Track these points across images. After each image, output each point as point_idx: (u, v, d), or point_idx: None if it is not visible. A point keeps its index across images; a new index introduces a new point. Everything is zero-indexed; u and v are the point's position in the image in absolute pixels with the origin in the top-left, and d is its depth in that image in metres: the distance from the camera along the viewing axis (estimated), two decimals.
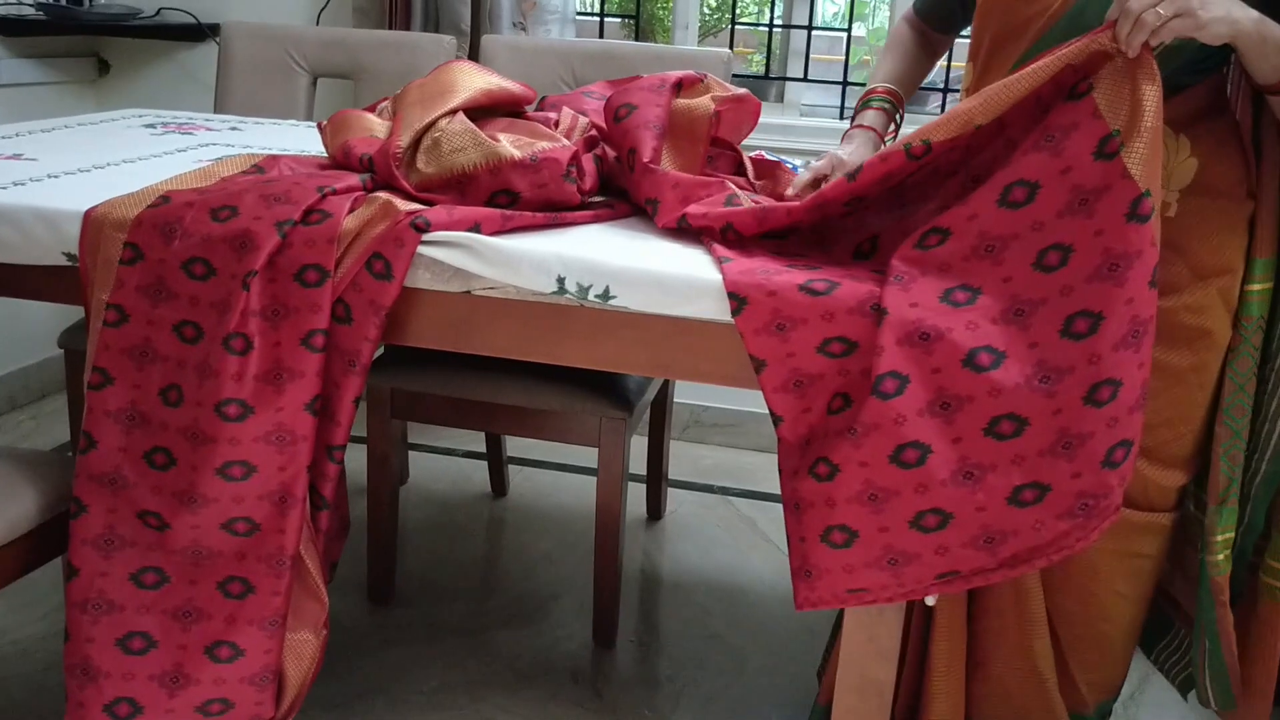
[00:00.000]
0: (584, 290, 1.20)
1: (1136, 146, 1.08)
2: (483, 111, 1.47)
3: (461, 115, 1.40)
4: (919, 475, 1.11)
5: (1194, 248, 1.30)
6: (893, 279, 1.13)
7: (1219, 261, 1.30)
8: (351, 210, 1.27)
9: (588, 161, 1.41)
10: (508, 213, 1.29)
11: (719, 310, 1.17)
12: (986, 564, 1.15)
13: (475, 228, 1.25)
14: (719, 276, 1.17)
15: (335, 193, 1.29)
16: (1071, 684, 1.47)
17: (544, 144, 1.36)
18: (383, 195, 1.30)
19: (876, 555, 1.16)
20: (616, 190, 1.46)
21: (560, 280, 1.21)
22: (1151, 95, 1.08)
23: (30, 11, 2.69)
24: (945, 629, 1.42)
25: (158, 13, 2.80)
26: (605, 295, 1.20)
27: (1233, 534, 1.35)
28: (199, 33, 2.79)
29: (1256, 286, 1.30)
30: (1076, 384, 1.09)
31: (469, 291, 1.26)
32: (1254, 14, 1.10)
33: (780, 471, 1.18)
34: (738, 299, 1.15)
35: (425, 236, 1.23)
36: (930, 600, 1.30)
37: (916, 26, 1.59)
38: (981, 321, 1.11)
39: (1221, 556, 1.34)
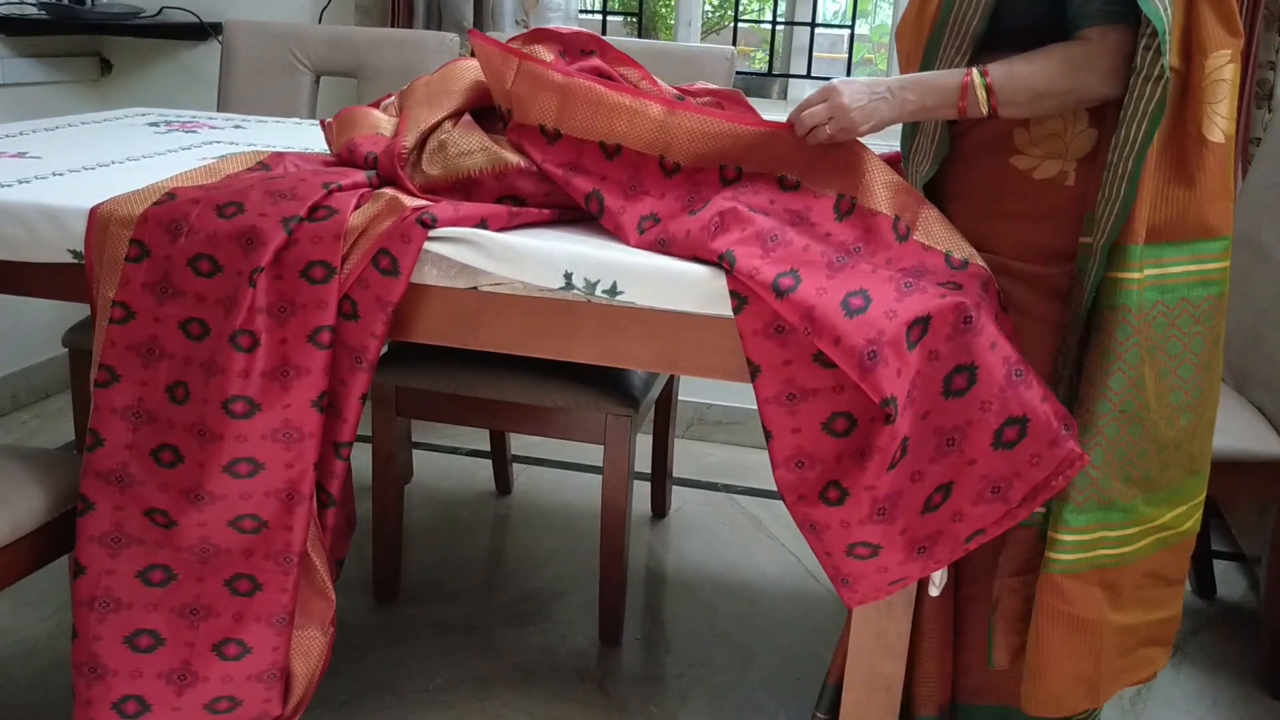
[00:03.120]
0: (591, 286, 1.20)
1: (866, 189, 1.26)
2: (489, 110, 1.46)
3: (468, 117, 1.40)
4: (909, 465, 1.15)
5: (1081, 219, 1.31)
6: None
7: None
8: (358, 206, 1.27)
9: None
10: (514, 209, 1.29)
11: (726, 306, 1.17)
12: (1001, 513, 1.19)
13: (482, 223, 1.25)
14: (724, 273, 1.17)
15: (341, 189, 1.29)
16: None
17: None
18: (389, 191, 1.30)
19: (903, 554, 1.19)
20: None
21: (567, 276, 1.21)
22: (858, 151, 1.30)
23: (33, 11, 2.69)
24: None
25: (160, 12, 2.80)
26: (612, 291, 1.20)
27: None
28: (201, 31, 2.78)
29: (1085, 240, 1.30)
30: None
31: (476, 288, 1.26)
32: (910, 98, 1.26)
33: (782, 493, 1.19)
34: (739, 297, 1.16)
35: (432, 232, 1.23)
36: (934, 590, 1.30)
37: None
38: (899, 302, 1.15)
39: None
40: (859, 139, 1.29)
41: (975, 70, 1.24)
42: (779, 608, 2.06)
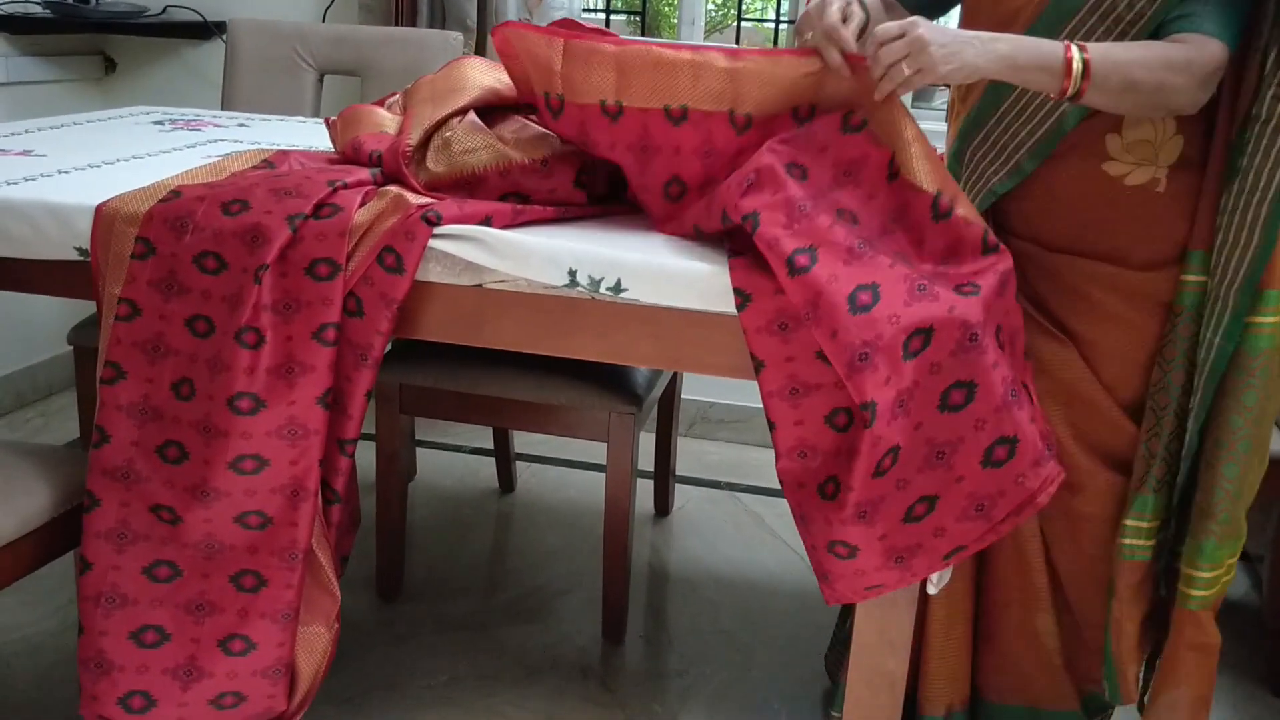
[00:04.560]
0: (595, 283, 1.21)
1: (908, 161, 1.18)
2: (493, 109, 1.47)
3: (472, 115, 1.40)
4: (897, 474, 1.14)
5: (1182, 224, 1.32)
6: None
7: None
8: (363, 204, 1.27)
9: (599, 163, 1.41)
10: (519, 206, 1.29)
11: (730, 303, 1.17)
12: (983, 531, 1.19)
13: (486, 221, 1.26)
14: (727, 270, 1.18)
15: (346, 187, 1.29)
16: (1086, 662, 1.48)
17: (555, 146, 1.35)
18: (394, 189, 1.31)
19: (881, 560, 1.19)
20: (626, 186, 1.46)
21: (572, 273, 1.21)
22: (901, 116, 1.19)
23: (37, 9, 2.70)
24: (944, 591, 1.42)
25: (164, 10, 2.81)
26: (617, 288, 1.20)
27: (1144, 524, 1.36)
28: (205, 30, 2.79)
29: (1191, 278, 1.32)
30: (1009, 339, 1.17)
31: (480, 285, 1.26)
32: (1001, 48, 1.16)
33: (782, 481, 1.20)
34: (743, 294, 1.16)
35: (436, 230, 1.23)
36: (932, 589, 1.30)
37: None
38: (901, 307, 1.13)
39: (1128, 543, 1.36)
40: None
41: (1075, 45, 1.18)
42: (781, 605, 2.06)
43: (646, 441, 2.38)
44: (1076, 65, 1.17)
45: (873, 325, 1.10)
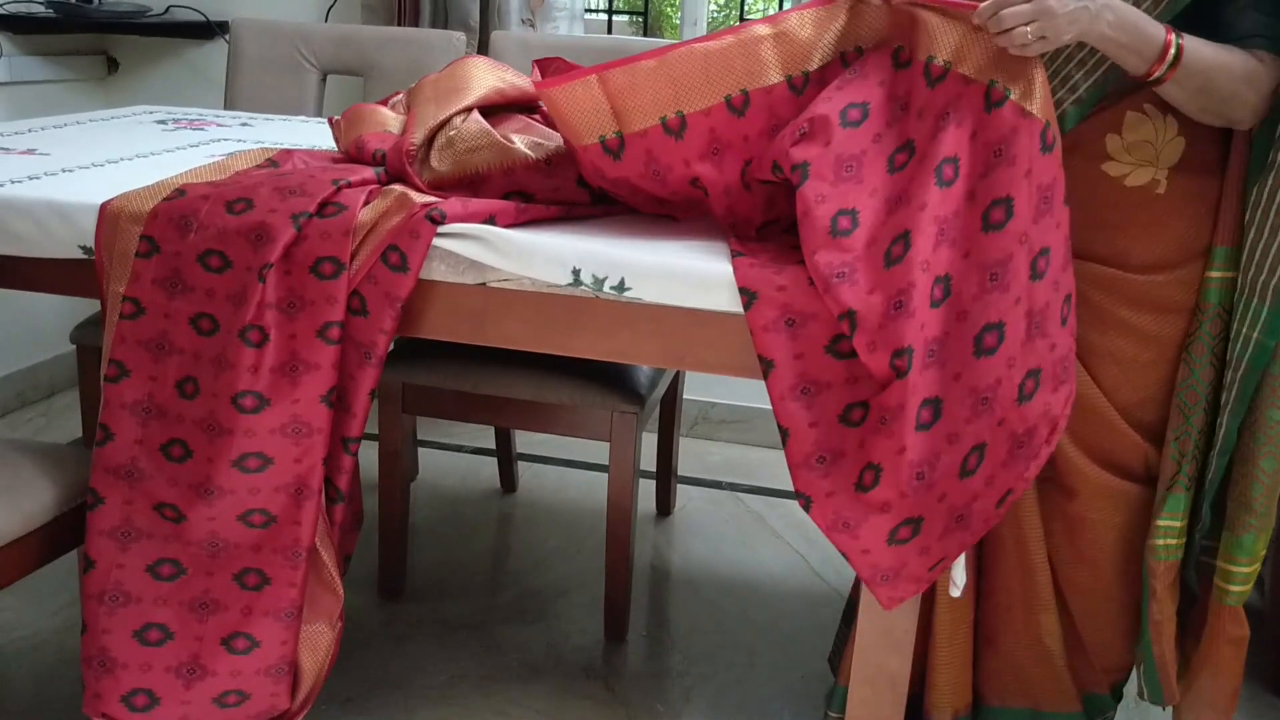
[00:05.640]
0: (599, 282, 1.21)
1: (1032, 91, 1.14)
2: (496, 109, 1.47)
3: (476, 114, 1.40)
4: (944, 427, 1.14)
5: (1181, 225, 1.32)
6: (834, 276, 1.13)
7: (1204, 240, 1.33)
8: (367, 203, 1.27)
9: None
10: (522, 205, 1.30)
11: (733, 302, 1.17)
12: (1024, 468, 1.19)
13: (490, 219, 1.26)
14: (731, 269, 1.18)
15: (350, 185, 1.30)
16: (1087, 663, 1.48)
17: (559, 145, 1.36)
18: (398, 188, 1.31)
19: (943, 525, 1.18)
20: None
21: (575, 272, 1.21)
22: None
23: (40, 9, 2.70)
24: (948, 600, 1.43)
25: (166, 10, 2.81)
26: (620, 287, 1.21)
27: (1176, 523, 1.35)
28: (208, 30, 2.79)
29: (1216, 274, 1.32)
30: (1021, 267, 1.15)
31: (484, 284, 1.27)
32: (1108, 20, 1.13)
33: (808, 494, 1.17)
34: (748, 293, 1.16)
35: (440, 229, 1.23)
36: (955, 591, 1.30)
37: None
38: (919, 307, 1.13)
39: (1160, 543, 1.35)
40: None
41: (1175, 32, 1.16)
42: (783, 605, 2.06)
43: (648, 442, 2.38)
44: (1171, 54, 1.16)
45: (908, 272, 1.10)
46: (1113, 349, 1.35)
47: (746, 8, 3.05)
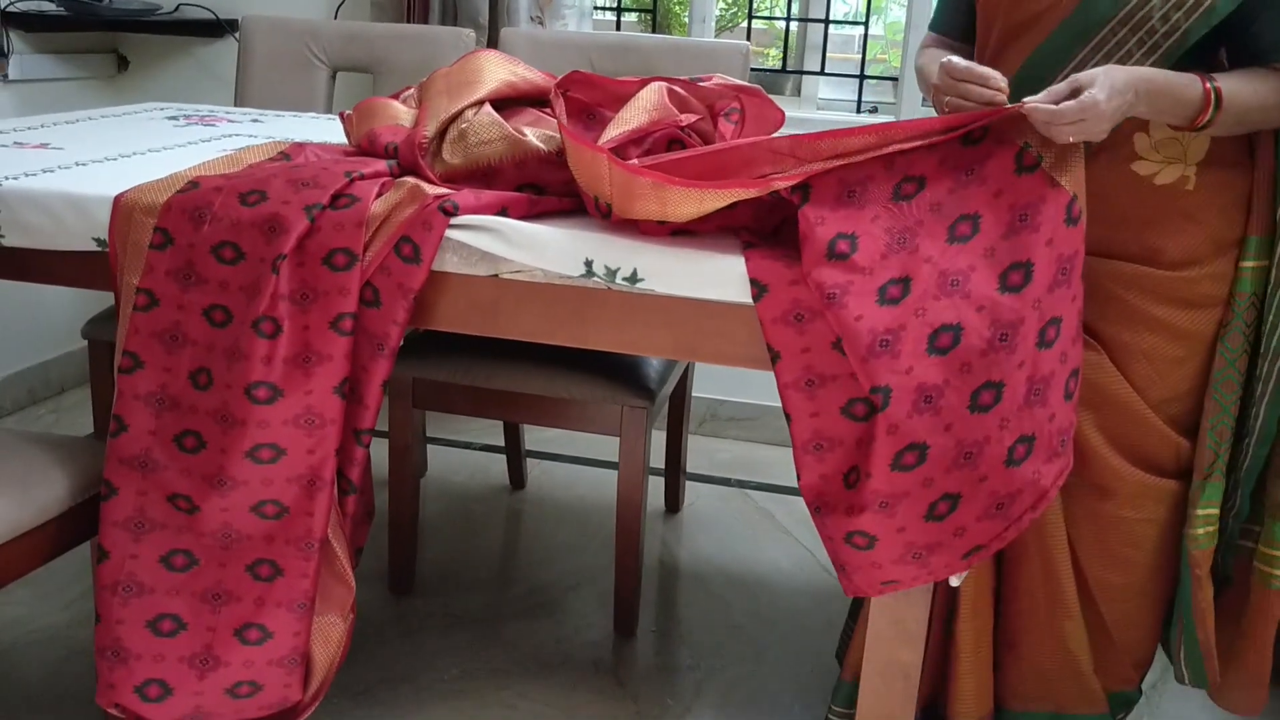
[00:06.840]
0: (612, 273, 1.21)
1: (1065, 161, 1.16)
2: (508, 102, 1.47)
3: (488, 107, 1.40)
4: (924, 472, 1.14)
5: (1213, 219, 1.32)
6: (827, 297, 1.13)
7: (1235, 233, 1.33)
8: (380, 195, 1.27)
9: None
10: (535, 197, 1.30)
11: (745, 294, 1.18)
12: (1001, 529, 1.19)
13: (503, 211, 1.26)
14: (744, 260, 1.18)
15: (363, 177, 1.30)
16: (1117, 663, 1.47)
17: None
18: (410, 180, 1.31)
19: (900, 553, 1.19)
20: None
21: (588, 263, 1.21)
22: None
23: (50, 7, 2.71)
24: (971, 608, 1.43)
25: (176, 8, 2.82)
26: (633, 278, 1.21)
27: (1215, 511, 1.36)
28: (218, 28, 2.80)
29: (1250, 264, 1.33)
30: (1030, 332, 1.15)
31: (497, 275, 1.27)
32: (1139, 108, 1.18)
33: (800, 471, 1.19)
34: (759, 285, 1.16)
35: (453, 220, 1.24)
36: (955, 581, 1.30)
37: (939, 44, 1.56)
38: (932, 300, 1.14)
39: (1201, 532, 1.36)
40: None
41: (1210, 81, 1.21)
42: (792, 601, 2.06)
43: (657, 439, 2.39)
44: (1213, 100, 1.21)
45: (901, 315, 1.11)
46: (1145, 347, 1.35)
47: (755, 6, 3.05)
